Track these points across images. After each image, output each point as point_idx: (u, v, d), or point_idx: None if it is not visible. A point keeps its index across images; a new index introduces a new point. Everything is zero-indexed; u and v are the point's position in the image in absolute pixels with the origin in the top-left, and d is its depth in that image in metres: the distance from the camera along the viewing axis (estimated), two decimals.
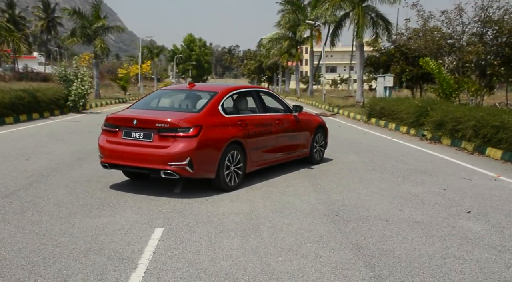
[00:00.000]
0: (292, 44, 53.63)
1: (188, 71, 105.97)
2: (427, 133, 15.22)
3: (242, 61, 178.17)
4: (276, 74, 79.46)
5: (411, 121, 16.51)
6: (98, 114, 24.52)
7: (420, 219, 6.32)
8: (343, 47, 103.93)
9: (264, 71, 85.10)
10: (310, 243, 5.34)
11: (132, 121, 7.41)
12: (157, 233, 5.67)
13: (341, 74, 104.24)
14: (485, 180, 8.95)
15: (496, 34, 20.79)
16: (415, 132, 16.30)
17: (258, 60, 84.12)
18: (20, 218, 6.18)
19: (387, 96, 23.15)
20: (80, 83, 25.41)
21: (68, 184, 8.11)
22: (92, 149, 11.94)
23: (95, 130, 16.47)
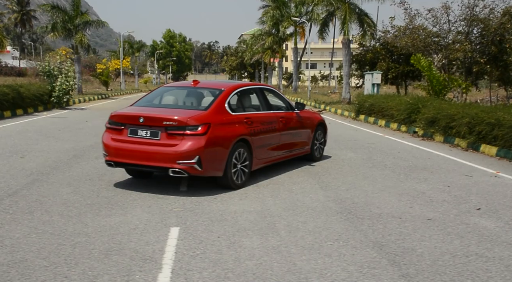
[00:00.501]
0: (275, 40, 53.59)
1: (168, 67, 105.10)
2: (419, 130, 15.37)
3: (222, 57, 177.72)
4: (258, 71, 79.44)
5: (402, 118, 16.64)
6: (83, 111, 24.22)
7: (432, 216, 6.36)
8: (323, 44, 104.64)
9: (245, 68, 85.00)
10: (330, 241, 5.33)
11: (138, 119, 7.29)
12: (173, 232, 5.59)
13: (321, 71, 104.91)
14: (486, 177, 9.06)
15: (483, 32, 21.10)
16: (406, 129, 16.44)
17: (240, 56, 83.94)
18: (30, 217, 6.04)
19: (375, 93, 23.30)
20: (65, 78, 25.02)
21: (70, 183, 7.96)
22: (86, 146, 11.79)
23: (85, 127, 16.29)
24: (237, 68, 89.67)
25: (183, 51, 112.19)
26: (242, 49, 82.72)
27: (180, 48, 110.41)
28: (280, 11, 45.53)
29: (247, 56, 68.68)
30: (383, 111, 18.68)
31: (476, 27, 21.86)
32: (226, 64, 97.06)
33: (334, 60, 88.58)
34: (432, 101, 15.74)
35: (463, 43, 21.07)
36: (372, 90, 23.67)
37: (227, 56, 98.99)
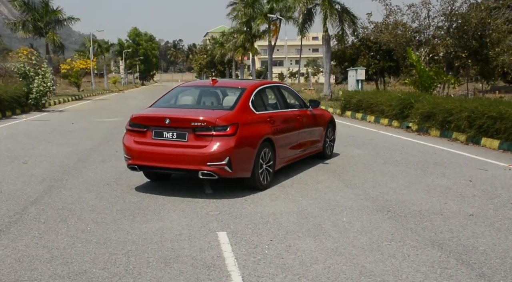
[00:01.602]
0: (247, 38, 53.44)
1: (135, 66, 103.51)
2: (413, 125, 15.49)
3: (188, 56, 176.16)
4: (229, 69, 79.16)
5: (394, 114, 16.76)
6: (63, 113, 23.57)
7: (472, 212, 6.34)
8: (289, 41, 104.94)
9: (215, 66, 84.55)
10: (386, 241, 5.24)
11: (164, 120, 7.05)
12: (222, 237, 5.41)
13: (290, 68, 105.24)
14: (500, 170, 9.15)
15: (463, 27, 21.48)
16: (399, 124, 16.56)
17: (210, 54, 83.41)
18: (66, 226, 5.76)
19: (359, 89, 23.44)
20: (42, 80, 24.29)
21: (89, 188, 7.66)
22: (86, 149, 11.43)
23: (73, 129, 15.82)
24: (207, 66, 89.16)
25: (150, 50, 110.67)
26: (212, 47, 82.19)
27: (147, 47, 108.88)
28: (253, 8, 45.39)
29: (218, 54, 68.29)
30: (372, 107, 18.78)
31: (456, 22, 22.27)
32: (195, 62, 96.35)
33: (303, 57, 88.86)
34: (425, 96, 15.89)
35: (444, 39, 21.43)
36: (356, 86, 23.81)
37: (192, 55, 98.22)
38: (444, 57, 22.15)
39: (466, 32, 21.29)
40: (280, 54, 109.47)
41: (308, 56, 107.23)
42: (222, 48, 66.75)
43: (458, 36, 21.55)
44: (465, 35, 21.38)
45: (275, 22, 45.73)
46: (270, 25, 45.30)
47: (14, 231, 5.61)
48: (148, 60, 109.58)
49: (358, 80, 23.44)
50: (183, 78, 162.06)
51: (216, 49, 73.54)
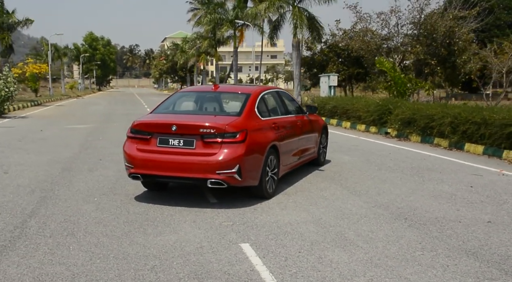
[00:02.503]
0: (212, 44, 53.13)
1: (92, 71, 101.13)
2: (392, 131, 15.61)
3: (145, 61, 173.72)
4: (190, 75, 78.45)
5: (372, 120, 16.85)
6: (26, 119, 22.67)
7: (489, 218, 6.30)
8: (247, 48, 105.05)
9: (176, 72, 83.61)
10: (418, 251, 5.10)
11: (170, 127, 6.72)
12: (246, 249, 5.14)
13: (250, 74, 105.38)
14: (495, 175, 9.23)
15: (433, 35, 21.93)
16: (377, 130, 16.67)
17: (171, 60, 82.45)
18: (76, 240, 5.36)
19: (331, 95, 23.55)
20: (4, 84, 23.29)
21: (86, 199, 7.24)
22: (67, 157, 10.93)
23: (45, 136, 15.15)
24: (167, 72, 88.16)
25: (108, 55, 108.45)
26: (172, 52, 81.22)
27: (104, 52, 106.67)
28: (218, 15, 45.15)
29: (180, 60, 67.62)
30: (348, 113, 18.86)
31: (424, 30, 22.68)
32: (155, 68, 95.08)
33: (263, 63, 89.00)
34: (403, 102, 16.05)
35: (414, 46, 21.82)
36: (329, 93, 23.90)
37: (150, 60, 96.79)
38: (414, 64, 22.53)
39: (435, 40, 21.74)
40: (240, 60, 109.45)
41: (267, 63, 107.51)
42: (184, 54, 66.19)
43: (427, 43, 21.98)
44: (434, 43, 21.83)
45: (241, 29, 45.61)
46: (236, 31, 45.19)
47: (20, 246, 5.18)
48: (106, 65, 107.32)
49: (330, 86, 23.55)
50: (139, 84, 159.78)
51: (177, 54, 72.85)
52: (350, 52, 26.64)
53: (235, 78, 46.40)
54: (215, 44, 54.25)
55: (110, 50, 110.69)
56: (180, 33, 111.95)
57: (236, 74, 46.06)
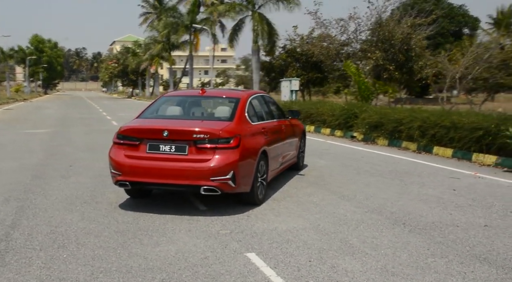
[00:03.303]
0: (166, 48, 52.47)
1: (38, 74, 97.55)
2: (358, 135, 15.75)
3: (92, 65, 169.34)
4: (142, 78, 77.03)
5: (338, 124, 16.96)
6: None
7: (484, 222, 6.33)
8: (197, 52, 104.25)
9: (128, 75, 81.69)
10: (429, 257, 5.02)
11: (161, 132, 6.42)
12: (254, 259, 4.94)
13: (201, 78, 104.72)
14: (471, 178, 9.40)
15: (391, 41, 22.35)
16: (342, 134, 16.78)
17: (122, 63, 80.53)
18: (70, 253, 5.00)
19: (293, 99, 23.59)
20: None
21: (67, 207, 6.84)
22: (34, 164, 10.42)
23: (3, 142, 14.29)
24: (118, 75, 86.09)
25: (55, 58, 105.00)
26: (123, 56, 79.36)
27: (51, 54, 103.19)
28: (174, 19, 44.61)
29: (132, 64, 66.31)
30: (312, 117, 18.92)
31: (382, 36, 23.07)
32: (105, 71, 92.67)
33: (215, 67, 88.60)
34: (369, 106, 16.23)
35: (374, 52, 22.19)
36: (290, 97, 23.92)
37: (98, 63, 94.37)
38: (373, 69, 22.89)
39: (393, 46, 22.17)
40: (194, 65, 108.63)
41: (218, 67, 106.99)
42: (137, 58, 65.07)
43: (386, 49, 22.38)
44: (392, 49, 22.25)
45: (196, 34, 45.22)
46: (191, 36, 44.78)
47: (11, 261, 4.77)
48: (53, 68, 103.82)
49: (292, 90, 23.60)
50: (87, 87, 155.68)
51: (129, 58, 71.42)
52: (309, 58, 26.82)
53: (191, 82, 45.93)
54: (169, 48, 53.63)
55: (58, 52, 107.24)
56: (129, 37, 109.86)
57: (191, 78, 45.66)
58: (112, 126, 20.63)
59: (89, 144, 14.14)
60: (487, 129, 11.01)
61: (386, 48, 22.54)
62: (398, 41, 22.01)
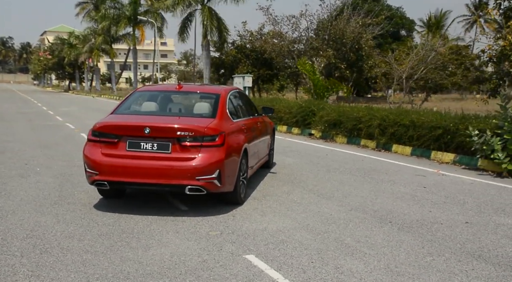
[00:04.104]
0: (106, 40, 50.91)
1: None
2: (316, 132, 15.88)
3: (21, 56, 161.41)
4: (80, 72, 74.45)
5: (295, 121, 17.02)
6: None
7: (463, 219, 6.48)
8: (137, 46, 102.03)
9: (64, 68, 78.68)
10: (428, 256, 5.04)
11: (142, 129, 6.11)
12: (255, 261, 4.79)
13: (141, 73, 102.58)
14: (435, 176, 9.64)
15: (342, 40, 22.74)
16: (299, 131, 16.87)
17: (57, 55, 77.43)
18: (55, 259, 4.69)
19: None
20: None
21: (38, 209, 6.42)
22: None
23: None
24: (53, 68, 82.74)
25: None
26: (59, 47, 76.29)
27: None
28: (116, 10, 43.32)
29: (69, 56, 63.91)
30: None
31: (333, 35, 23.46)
32: (38, 63, 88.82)
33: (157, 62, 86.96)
34: (326, 104, 16.39)
35: (325, 50, 22.48)
36: None
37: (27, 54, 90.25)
38: (325, 68, 23.20)
39: (345, 45, 22.57)
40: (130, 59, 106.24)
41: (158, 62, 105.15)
42: (74, 49, 62.81)
43: (337, 48, 22.76)
44: (343, 48, 22.65)
45: (140, 26, 44.14)
46: (134, 29, 43.66)
47: None
48: None
49: (245, 87, 23.46)
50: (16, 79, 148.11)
51: (65, 49, 68.79)
52: (260, 54, 26.83)
53: (135, 77, 44.82)
54: (111, 40, 52.10)
55: None
56: (62, 27, 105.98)
57: (135, 73, 44.55)
58: (57, 122, 19.80)
59: (40, 140, 13.45)
60: (446, 128, 11.36)
61: (337, 47, 22.91)
62: (349, 40, 22.40)
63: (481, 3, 69.94)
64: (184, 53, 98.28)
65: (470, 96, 54.20)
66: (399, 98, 38.62)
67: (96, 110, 27.93)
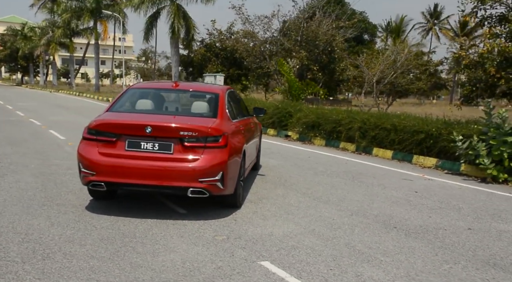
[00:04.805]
0: (66, 33, 49.41)
1: None
2: (292, 134, 15.79)
3: None
4: (34, 65, 72.05)
5: (272, 122, 16.88)
6: None
7: (464, 225, 6.46)
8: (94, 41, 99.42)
9: (17, 60, 75.86)
10: (445, 263, 4.96)
11: (144, 128, 5.80)
12: (273, 269, 4.59)
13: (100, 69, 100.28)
14: (422, 180, 9.66)
15: (315, 42, 22.78)
16: (275, 132, 16.74)
17: (9, 47, 74.64)
18: (61, 265, 4.36)
19: None
20: None
21: (27, 211, 6.03)
22: None
23: None
24: (4, 60, 79.68)
25: None
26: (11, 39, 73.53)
27: None
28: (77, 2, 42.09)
29: (24, 48, 61.76)
30: None
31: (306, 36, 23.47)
32: None
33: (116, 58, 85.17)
34: (302, 106, 16.32)
35: (298, 51, 22.46)
36: None
37: None
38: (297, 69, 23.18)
39: (317, 47, 22.61)
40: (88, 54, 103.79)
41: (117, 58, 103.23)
42: (30, 42, 60.77)
43: (310, 49, 22.78)
44: (316, 50, 22.68)
45: (103, 20, 43.06)
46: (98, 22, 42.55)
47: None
48: None
49: None
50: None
51: (18, 41, 66.45)
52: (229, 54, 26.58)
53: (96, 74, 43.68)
54: (71, 34, 50.63)
55: None
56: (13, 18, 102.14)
57: (97, 69, 43.42)
58: (20, 117, 19.03)
59: (7, 137, 12.82)
60: (429, 132, 11.44)
61: (310, 49, 22.92)
62: (322, 42, 22.45)
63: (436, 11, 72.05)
64: (143, 50, 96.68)
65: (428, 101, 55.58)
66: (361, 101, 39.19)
67: (58, 106, 27.05)
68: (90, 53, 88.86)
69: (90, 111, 24.78)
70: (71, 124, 16.68)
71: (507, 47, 12.20)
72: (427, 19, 73.35)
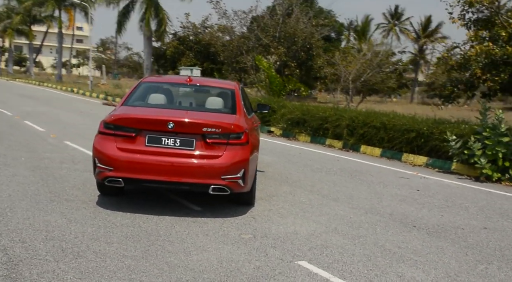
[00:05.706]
0: (25, 20, 47.72)
1: None
2: (276, 130, 15.70)
3: None
4: None
5: None
6: None
7: (477, 224, 6.50)
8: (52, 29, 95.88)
9: None
10: (479, 264, 4.93)
11: (166, 124, 5.56)
12: (313, 269, 4.47)
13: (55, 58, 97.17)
14: (418, 178, 9.70)
15: (294, 39, 22.73)
16: None
17: None
18: (96, 264, 4.13)
19: None
20: None
21: (41, 208, 5.75)
22: None
23: None
24: None
25: None
26: None
27: None
28: None
29: None
30: None
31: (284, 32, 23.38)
32: None
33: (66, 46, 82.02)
34: (285, 102, 16.23)
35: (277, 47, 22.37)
36: None
37: None
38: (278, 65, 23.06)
39: (296, 44, 22.57)
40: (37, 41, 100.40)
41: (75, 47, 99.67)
42: None
43: (288, 46, 22.72)
44: (294, 46, 22.64)
45: (69, 8, 41.80)
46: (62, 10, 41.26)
47: (33, 276, 3.76)
48: None
49: None
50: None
51: None
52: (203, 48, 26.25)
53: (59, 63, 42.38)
54: (30, 21, 48.94)
55: None
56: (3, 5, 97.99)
57: (60, 58, 42.16)
58: None
59: None
60: (420, 131, 11.55)
61: (288, 45, 22.86)
62: (300, 39, 22.42)
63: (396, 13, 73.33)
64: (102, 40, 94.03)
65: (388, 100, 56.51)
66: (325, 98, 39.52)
67: (23, 96, 26.07)
68: (45, 41, 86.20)
69: (60, 102, 24.03)
70: (46, 116, 16.09)
71: (493, 50, 12.46)
72: (388, 20, 74.53)
